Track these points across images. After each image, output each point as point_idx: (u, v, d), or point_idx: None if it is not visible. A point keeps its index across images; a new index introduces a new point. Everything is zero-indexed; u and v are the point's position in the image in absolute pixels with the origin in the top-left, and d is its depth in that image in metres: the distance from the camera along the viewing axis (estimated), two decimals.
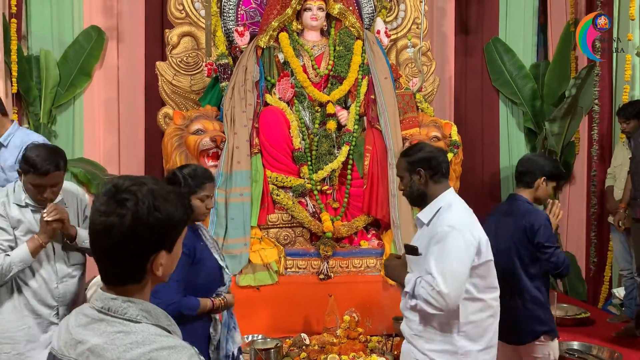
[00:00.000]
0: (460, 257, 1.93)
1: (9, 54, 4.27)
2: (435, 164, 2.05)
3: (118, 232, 1.00)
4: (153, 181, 1.05)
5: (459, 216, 1.99)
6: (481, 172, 5.26)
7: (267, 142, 3.69)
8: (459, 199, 2.08)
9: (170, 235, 1.06)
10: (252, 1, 4.22)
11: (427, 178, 2.05)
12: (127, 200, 1.01)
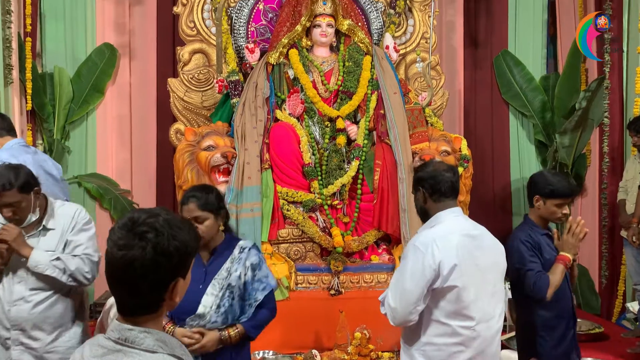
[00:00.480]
0: (414, 277, 1.97)
1: (23, 72, 4.35)
2: (433, 183, 2.09)
3: (140, 264, 1.03)
4: (165, 212, 1.09)
5: (431, 236, 2.01)
6: (492, 185, 5.24)
7: (277, 157, 3.71)
8: (454, 220, 2.08)
9: (186, 262, 1.08)
10: (262, 18, 4.27)
11: (426, 196, 2.11)
12: (146, 233, 1.04)
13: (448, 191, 2.09)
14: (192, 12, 4.21)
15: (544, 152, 5.23)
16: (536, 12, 5.31)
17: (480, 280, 2.02)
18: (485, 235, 2.12)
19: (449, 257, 1.96)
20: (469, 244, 2.03)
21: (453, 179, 2.12)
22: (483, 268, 2.04)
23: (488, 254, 2.08)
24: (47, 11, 4.70)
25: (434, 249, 1.97)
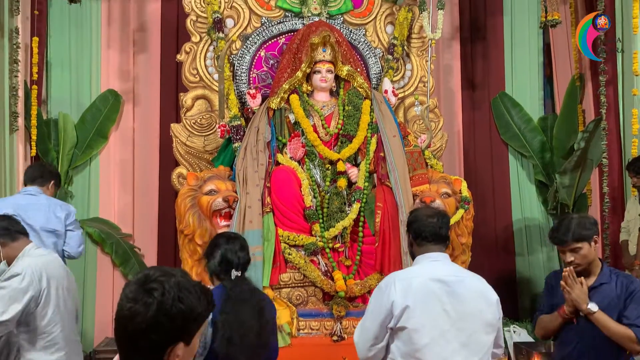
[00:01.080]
0: (373, 315, 2.08)
1: (29, 119, 4.43)
2: (416, 228, 2.15)
3: (142, 319, 1.03)
4: (181, 273, 1.10)
5: (394, 277, 2.08)
6: (494, 226, 5.23)
7: (278, 200, 3.73)
8: (428, 264, 2.11)
9: (189, 327, 1.08)
10: (263, 65, 4.37)
11: (412, 241, 2.19)
12: (154, 290, 1.05)
13: (430, 236, 2.13)
14: (195, 59, 4.31)
15: (544, 192, 5.24)
16: (532, 54, 5.42)
17: (447, 326, 2.01)
18: (465, 282, 2.09)
19: (402, 299, 2.00)
20: (436, 289, 2.03)
21: (437, 224, 2.15)
22: (455, 315, 2.02)
23: (466, 302, 2.05)
24: (54, 59, 4.82)
25: (391, 290, 2.03)
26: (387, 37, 4.56)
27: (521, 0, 5.33)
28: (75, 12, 4.73)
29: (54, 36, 4.80)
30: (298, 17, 4.40)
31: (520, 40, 5.36)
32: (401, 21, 4.49)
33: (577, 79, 5.04)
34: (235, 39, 4.31)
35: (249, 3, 4.39)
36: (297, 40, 4.13)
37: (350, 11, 4.50)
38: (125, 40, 4.89)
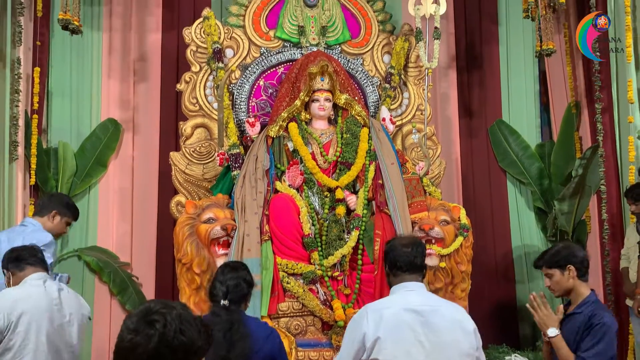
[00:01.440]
0: (346, 347, 2.09)
1: (29, 148, 4.45)
2: (391, 258, 2.17)
3: (143, 350, 1.03)
4: (182, 307, 1.11)
5: (366, 309, 2.10)
6: (493, 253, 5.21)
7: (277, 228, 3.72)
8: (402, 294, 2.11)
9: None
10: (262, 94, 4.42)
11: (388, 271, 2.20)
12: (156, 322, 1.05)
13: (404, 266, 2.14)
14: (195, 89, 4.35)
15: (543, 218, 5.23)
16: (528, 82, 5.47)
17: (421, 357, 2.00)
18: (440, 312, 2.08)
19: (373, 330, 2.00)
20: (410, 320, 2.03)
21: (412, 254, 2.15)
22: (429, 346, 2.01)
23: (441, 332, 2.04)
24: (55, 89, 4.87)
25: (363, 321, 2.04)
26: (384, 66, 4.62)
27: (516, 29, 5.41)
28: (77, 42, 4.80)
29: (55, 66, 4.86)
30: (296, 47, 4.47)
31: (516, 69, 5.43)
32: (398, 51, 4.55)
33: (573, 107, 5.08)
34: (235, 68, 4.37)
35: (248, 34, 4.47)
36: (296, 69, 4.19)
37: (347, 41, 4.58)
38: (126, 70, 4.95)
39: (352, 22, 4.63)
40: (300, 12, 4.50)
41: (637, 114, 4.25)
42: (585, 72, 4.92)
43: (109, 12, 4.97)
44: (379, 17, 4.69)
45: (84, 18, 4.72)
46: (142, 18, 4.98)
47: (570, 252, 2.46)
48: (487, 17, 5.43)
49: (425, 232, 3.74)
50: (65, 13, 3.81)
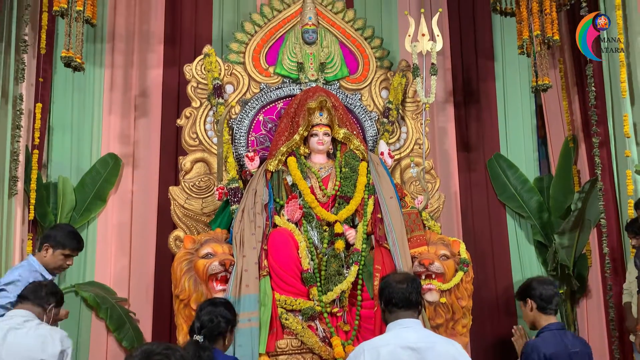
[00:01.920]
0: None
1: (28, 183, 4.45)
2: (386, 294, 2.19)
3: None
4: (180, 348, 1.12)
5: (362, 347, 2.11)
6: (494, 288, 5.16)
7: (275, 263, 3.69)
8: (398, 332, 2.11)
9: None
10: (261, 128, 4.46)
11: (383, 308, 2.22)
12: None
13: (400, 302, 2.15)
14: (195, 124, 4.40)
15: (544, 252, 5.20)
16: (525, 117, 5.52)
17: None
18: (436, 348, 2.09)
19: None
20: (406, 357, 2.03)
21: (407, 290, 2.17)
22: None
23: None
24: (56, 124, 4.90)
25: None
26: (382, 101, 4.67)
27: (512, 65, 5.49)
28: (79, 78, 4.86)
29: (57, 102, 4.90)
30: (296, 83, 4.54)
31: (513, 104, 5.48)
32: (395, 86, 4.62)
33: (570, 141, 5.12)
34: (235, 104, 4.42)
35: (248, 70, 4.54)
36: (295, 104, 4.24)
37: (346, 77, 4.65)
38: (127, 105, 5.00)
39: (350, 59, 4.71)
40: (300, 49, 4.58)
41: (633, 148, 4.27)
42: (582, 106, 4.98)
43: (112, 49, 5.05)
44: (376, 54, 4.77)
45: (86, 55, 4.80)
46: (144, 55, 5.07)
47: (529, 286, 2.65)
48: (483, 53, 5.52)
49: (425, 267, 3.71)
50: (68, 50, 3.88)
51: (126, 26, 5.08)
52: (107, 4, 5.04)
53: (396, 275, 2.33)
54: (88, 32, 4.82)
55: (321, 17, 4.69)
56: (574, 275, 4.80)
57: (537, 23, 4.31)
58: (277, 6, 4.71)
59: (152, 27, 5.10)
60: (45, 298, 2.76)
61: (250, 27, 4.64)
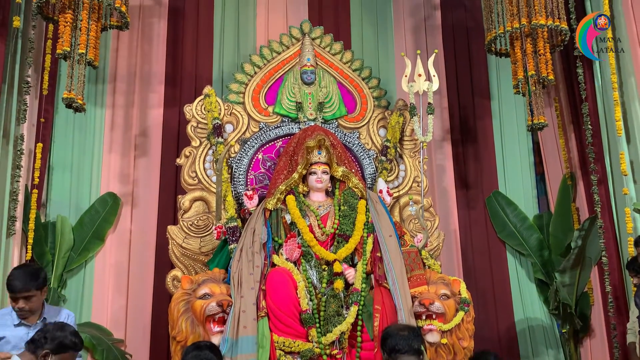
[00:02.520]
0: None
1: (27, 222, 4.44)
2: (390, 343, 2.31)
3: None
4: None
5: None
6: (496, 327, 5.08)
7: (274, 304, 3.65)
8: None
9: None
10: (260, 167, 4.48)
11: (387, 357, 2.33)
12: None
13: (403, 348, 2.27)
14: (195, 163, 4.42)
15: (545, 290, 5.15)
16: (522, 154, 5.55)
17: None
18: None
19: None
20: None
21: (409, 337, 2.30)
22: None
23: None
24: (56, 163, 4.92)
25: None
26: (380, 139, 4.71)
27: (508, 103, 5.56)
28: (80, 118, 4.90)
29: (57, 141, 4.93)
30: (294, 122, 4.59)
31: (510, 141, 5.52)
32: (393, 125, 4.66)
33: (568, 178, 5.14)
34: (234, 143, 4.46)
35: (248, 110, 4.59)
36: (294, 143, 4.27)
37: (344, 116, 4.70)
38: (127, 145, 5.03)
39: (348, 98, 4.77)
40: (298, 89, 4.65)
41: (631, 186, 4.29)
42: (578, 144, 5.01)
43: (113, 89, 5.12)
44: (374, 94, 4.84)
45: (88, 95, 4.87)
46: (144, 95, 5.13)
47: None
48: (480, 92, 5.59)
49: (426, 307, 3.67)
50: (70, 92, 3.93)
51: (128, 67, 5.16)
52: (110, 46, 5.13)
53: (397, 325, 2.44)
54: (90, 73, 4.89)
55: (319, 58, 4.78)
56: (577, 314, 4.74)
57: (531, 63, 4.39)
58: (276, 48, 4.80)
59: (154, 67, 5.19)
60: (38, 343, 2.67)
61: (250, 68, 4.73)
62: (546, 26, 4.25)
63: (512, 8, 4.32)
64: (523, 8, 4.27)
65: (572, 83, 5.00)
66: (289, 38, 4.84)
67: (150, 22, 5.27)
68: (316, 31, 4.87)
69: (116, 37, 5.16)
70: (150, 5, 5.29)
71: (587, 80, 4.63)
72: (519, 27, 4.29)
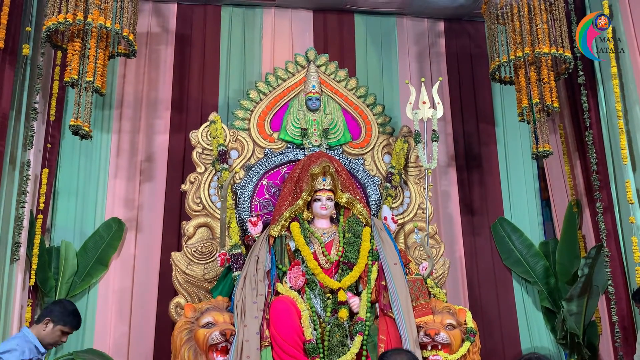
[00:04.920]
0: None
1: (31, 247, 4.44)
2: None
3: None
4: None
5: None
6: (503, 356, 4.99)
7: (277, 334, 3.61)
8: None
9: None
10: (265, 193, 4.48)
11: None
12: None
13: None
14: (199, 189, 4.43)
15: (552, 319, 5.07)
16: (527, 180, 5.54)
17: None
18: None
19: None
20: None
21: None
22: None
23: None
24: (61, 189, 4.93)
25: None
26: (385, 166, 4.71)
27: (513, 130, 5.57)
28: (86, 143, 4.90)
29: (63, 166, 4.95)
30: (299, 148, 4.60)
31: (515, 168, 5.52)
32: (398, 151, 4.67)
33: (574, 205, 5.11)
34: (239, 169, 4.47)
35: (253, 136, 4.61)
36: (298, 169, 4.28)
37: (349, 142, 4.72)
38: (133, 170, 5.05)
39: (353, 125, 4.79)
40: (303, 116, 4.68)
41: (637, 214, 4.26)
42: (584, 171, 4.99)
43: (119, 115, 5.16)
44: (378, 120, 4.86)
45: (94, 121, 4.90)
46: (151, 121, 5.17)
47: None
48: (484, 119, 5.61)
49: (432, 338, 3.62)
50: (76, 119, 3.95)
51: (134, 93, 5.21)
52: (117, 72, 5.19)
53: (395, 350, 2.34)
54: (97, 99, 4.95)
55: (324, 85, 4.82)
56: (585, 344, 4.67)
57: (535, 91, 4.40)
58: (282, 75, 4.84)
59: (160, 94, 5.23)
60: None
61: (255, 94, 4.76)
62: (550, 54, 4.28)
63: (515, 37, 4.36)
64: (526, 37, 4.30)
65: (576, 110, 5.01)
66: (294, 65, 4.89)
67: (157, 48, 5.33)
68: (321, 59, 4.91)
69: (123, 64, 5.22)
70: (157, 32, 5.36)
71: (592, 108, 4.64)
72: (523, 56, 4.32)
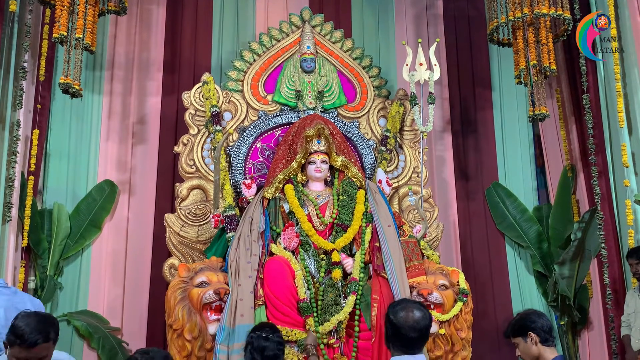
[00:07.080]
0: None
1: (23, 209, 4.40)
2: (390, 333, 2.24)
3: None
4: None
5: None
6: (494, 319, 5.07)
7: (271, 293, 3.62)
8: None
9: None
10: (259, 156, 4.45)
11: (389, 344, 2.27)
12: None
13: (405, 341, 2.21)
14: (192, 151, 4.39)
15: (544, 282, 5.13)
16: (523, 146, 5.52)
17: None
18: None
19: None
20: None
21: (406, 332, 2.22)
22: None
23: None
24: (53, 151, 4.87)
25: None
26: (380, 129, 4.67)
27: (509, 94, 5.52)
28: (77, 105, 4.85)
29: (54, 128, 4.88)
30: (294, 111, 4.55)
31: (511, 133, 5.49)
32: (393, 115, 4.62)
33: (569, 170, 5.10)
34: (232, 131, 4.42)
35: (247, 98, 4.55)
36: (293, 132, 4.24)
37: (344, 105, 4.66)
38: (125, 132, 4.98)
39: (348, 87, 4.73)
40: (298, 78, 4.60)
41: (632, 178, 4.25)
42: (579, 135, 4.97)
43: (111, 76, 5.06)
44: (374, 83, 4.79)
45: (85, 82, 4.82)
46: (142, 82, 5.08)
47: (528, 319, 2.55)
48: (481, 83, 5.55)
49: (424, 297, 3.65)
50: (66, 77, 3.87)
51: (126, 54, 5.11)
52: (108, 32, 5.07)
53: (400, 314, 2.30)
54: (87, 60, 4.85)
55: (319, 46, 4.73)
56: (575, 306, 4.72)
57: (533, 53, 4.35)
58: (276, 35, 4.75)
59: (152, 55, 5.13)
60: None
61: (249, 55, 4.68)
62: (549, 15, 4.20)
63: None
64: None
65: (574, 74, 4.96)
66: (288, 25, 4.79)
67: (148, 8, 5.21)
68: (316, 19, 4.82)
69: (114, 24, 5.10)
70: None
71: (590, 71, 4.58)
72: (521, 16, 4.24)
